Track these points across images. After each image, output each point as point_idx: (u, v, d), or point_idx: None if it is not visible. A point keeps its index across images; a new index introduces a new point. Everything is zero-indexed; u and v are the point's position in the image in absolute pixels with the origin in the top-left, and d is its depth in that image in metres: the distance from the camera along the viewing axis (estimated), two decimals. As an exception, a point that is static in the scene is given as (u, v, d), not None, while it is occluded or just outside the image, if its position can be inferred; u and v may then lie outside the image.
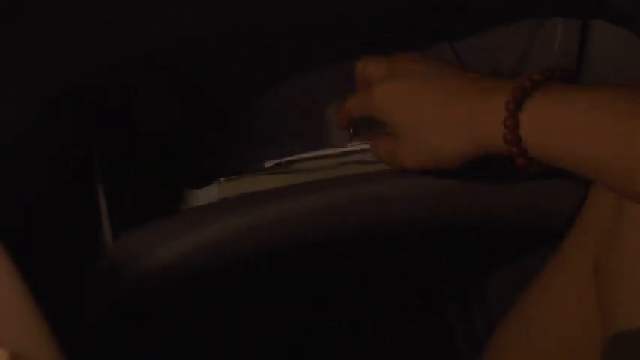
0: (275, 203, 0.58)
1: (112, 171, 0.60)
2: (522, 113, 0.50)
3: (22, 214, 0.52)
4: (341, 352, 0.85)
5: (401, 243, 0.72)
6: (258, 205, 0.58)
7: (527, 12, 0.65)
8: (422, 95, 0.56)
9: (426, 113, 0.56)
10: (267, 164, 0.68)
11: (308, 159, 0.66)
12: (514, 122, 0.50)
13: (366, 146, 0.64)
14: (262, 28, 0.60)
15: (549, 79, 0.52)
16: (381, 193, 0.61)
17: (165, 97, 0.69)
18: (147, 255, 0.55)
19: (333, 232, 0.61)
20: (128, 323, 0.59)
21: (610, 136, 0.47)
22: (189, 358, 0.77)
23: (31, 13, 0.49)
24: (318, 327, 0.84)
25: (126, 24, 0.53)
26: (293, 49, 0.69)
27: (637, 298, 0.51)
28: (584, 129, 0.48)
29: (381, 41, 0.70)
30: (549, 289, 0.60)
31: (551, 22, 0.65)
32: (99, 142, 0.60)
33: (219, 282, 0.67)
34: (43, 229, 0.52)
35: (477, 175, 0.61)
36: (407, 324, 0.87)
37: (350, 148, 0.65)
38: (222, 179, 0.62)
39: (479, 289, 0.86)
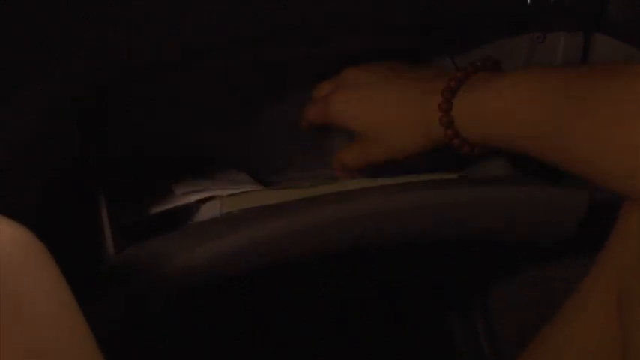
0: (279, 218, 0.58)
1: (114, 185, 0.59)
2: (454, 108, 0.58)
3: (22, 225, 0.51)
4: (342, 356, 0.85)
5: (403, 252, 0.71)
6: (262, 220, 0.57)
7: (529, 26, 0.65)
8: (372, 100, 0.63)
9: (379, 115, 0.63)
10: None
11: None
12: (448, 119, 0.58)
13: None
14: (265, 40, 0.60)
15: (479, 70, 0.60)
16: (386, 207, 0.61)
17: (167, 109, 0.68)
18: (151, 269, 0.54)
19: (339, 245, 0.61)
20: (129, 336, 0.58)
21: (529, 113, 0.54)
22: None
23: (32, 21, 0.49)
24: (318, 333, 0.84)
25: (127, 32, 0.52)
26: (290, 60, 0.69)
27: None
28: (507, 110, 0.55)
29: (383, 55, 0.70)
30: (572, 324, 0.59)
31: (553, 35, 0.65)
32: (100, 155, 0.60)
33: (224, 295, 0.66)
34: (43, 240, 0.52)
35: (477, 189, 0.63)
36: (408, 330, 0.87)
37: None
38: (224, 194, 0.61)
39: (481, 295, 0.86)
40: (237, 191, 0.62)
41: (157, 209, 0.61)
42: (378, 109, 0.63)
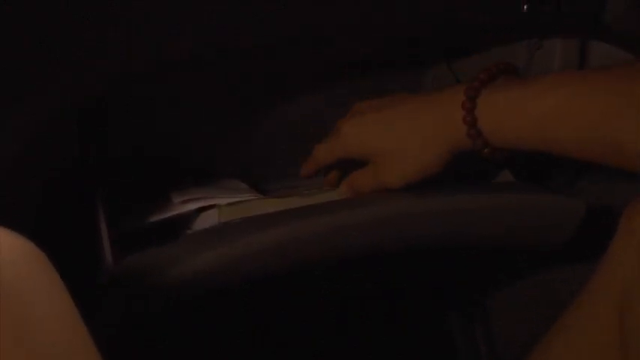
0: (279, 226, 0.57)
1: (114, 186, 0.59)
2: (477, 109, 0.57)
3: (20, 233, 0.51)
4: (342, 356, 0.85)
5: (404, 254, 0.71)
6: (264, 228, 0.57)
7: (526, 33, 0.65)
8: (386, 120, 0.62)
9: (394, 133, 0.61)
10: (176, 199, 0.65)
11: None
12: (472, 118, 0.57)
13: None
14: (266, 41, 0.60)
15: (495, 75, 0.59)
16: (386, 215, 0.60)
17: (167, 109, 0.68)
18: (150, 278, 0.54)
19: (339, 252, 0.61)
20: (129, 337, 0.58)
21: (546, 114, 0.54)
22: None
23: (33, 24, 0.49)
24: (318, 333, 0.84)
25: (127, 40, 0.52)
26: (292, 73, 0.69)
27: None
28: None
29: (383, 63, 0.70)
30: (573, 332, 0.59)
31: (550, 42, 0.65)
32: (100, 155, 0.60)
33: (224, 295, 0.66)
34: (42, 242, 0.52)
35: (477, 196, 0.63)
36: (408, 330, 0.87)
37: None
38: (222, 203, 0.61)
39: (481, 296, 0.86)
40: (236, 200, 0.62)
41: (155, 217, 0.61)
42: (392, 127, 0.61)
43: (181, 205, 0.62)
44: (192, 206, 0.61)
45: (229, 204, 0.61)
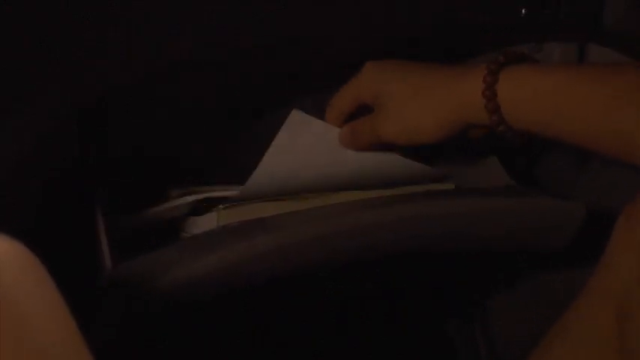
0: (277, 230, 0.57)
1: (114, 185, 0.59)
2: (498, 84, 0.57)
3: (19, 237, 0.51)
4: (342, 356, 0.85)
5: (404, 256, 0.72)
6: (260, 232, 0.57)
7: (525, 36, 0.65)
8: (408, 69, 0.62)
9: (412, 84, 0.61)
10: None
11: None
12: (492, 92, 0.57)
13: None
14: (263, 48, 0.60)
15: (519, 58, 0.58)
16: (386, 218, 0.60)
17: (167, 109, 0.68)
18: (149, 282, 0.54)
19: (337, 257, 0.61)
20: (127, 345, 0.58)
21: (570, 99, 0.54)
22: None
23: (33, 24, 0.49)
24: (318, 333, 0.84)
25: (127, 40, 0.52)
26: (292, 73, 0.69)
27: None
28: (551, 93, 0.55)
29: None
30: (572, 334, 0.58)
31: (548, 46, 0.65)
32: (100, 155, 0.60)
33: (222, 304, 0.66)
34: (40, 253, 0.52)
35: (477, 199, 0.63)
36: (408, 330, 0.87)
37: None
38: (221, 206, 0.61)
39: (480, 296, 0.86)
40: (235, 193, 0.62)
41: (155, 214, 0.61)
42: (410, 80, 0.61)
43: (180, 198, 0.61)
44: (191, 198, 0.61)
45: (227, 207, 0.61)
